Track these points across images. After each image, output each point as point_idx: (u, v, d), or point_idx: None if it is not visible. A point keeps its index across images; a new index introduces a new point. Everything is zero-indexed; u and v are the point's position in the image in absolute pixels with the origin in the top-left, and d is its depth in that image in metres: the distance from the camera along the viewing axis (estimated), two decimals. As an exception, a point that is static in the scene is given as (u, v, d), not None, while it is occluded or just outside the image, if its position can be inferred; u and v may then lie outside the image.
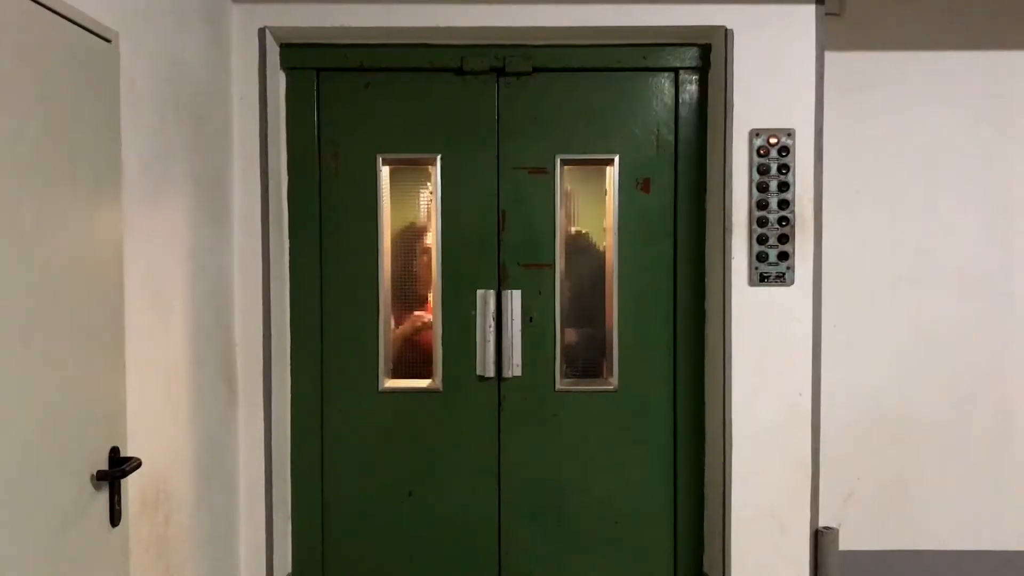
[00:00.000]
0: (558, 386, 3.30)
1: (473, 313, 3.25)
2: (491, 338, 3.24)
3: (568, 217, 3.39)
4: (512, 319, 3.26)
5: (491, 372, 3.26)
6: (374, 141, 3.24)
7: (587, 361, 3.52)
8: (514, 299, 3.26)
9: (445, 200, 3.25)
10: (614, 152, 3.27)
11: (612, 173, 3.29)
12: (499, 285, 3.27)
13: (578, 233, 3.42)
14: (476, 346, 3.26)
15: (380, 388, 3.28)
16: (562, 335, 3.31)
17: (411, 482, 3.30)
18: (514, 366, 3.27)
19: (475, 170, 3.25)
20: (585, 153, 3.28)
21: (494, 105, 3.25)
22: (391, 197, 3.29)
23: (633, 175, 3.27)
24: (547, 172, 3.27)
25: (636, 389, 3.30)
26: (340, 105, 3.23)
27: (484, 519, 3.30)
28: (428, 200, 3.30)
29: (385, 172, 3.26)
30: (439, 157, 3.24)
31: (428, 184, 3.29)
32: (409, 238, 3.30)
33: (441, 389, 3.28)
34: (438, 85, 3.23)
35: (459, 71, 3.24)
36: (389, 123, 3.24)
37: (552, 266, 3.30)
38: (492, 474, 3.29)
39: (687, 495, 3.28)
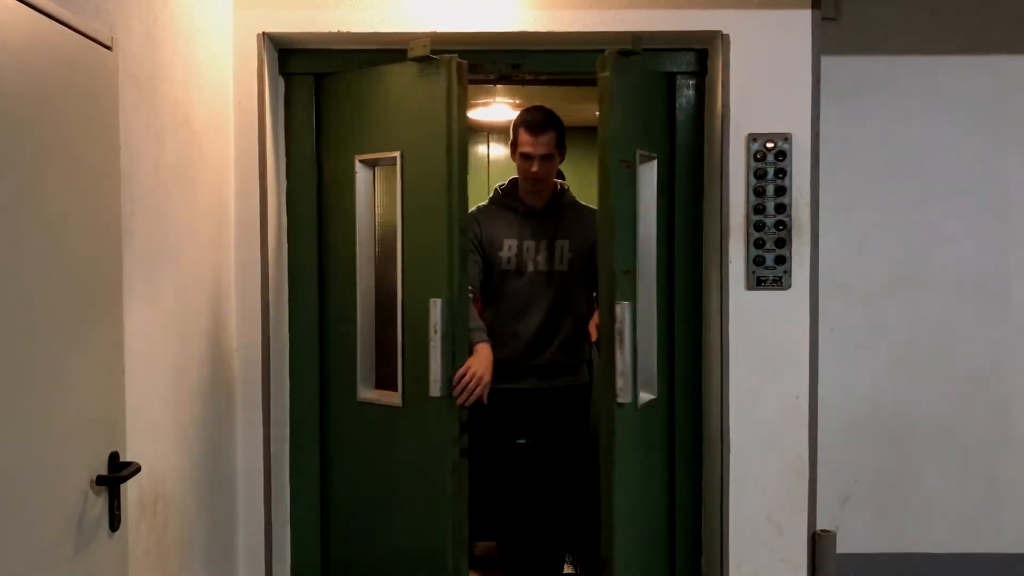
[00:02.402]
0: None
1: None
2: (437, 354, 2.87)
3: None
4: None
5: (438, 391, 2.89)
6: (353, 141, 3.15)
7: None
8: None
9: (406, 200, 3.02)
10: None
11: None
12: None
13: None
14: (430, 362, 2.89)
15: (359, 398, 3.16)
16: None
17: (382, 505, 3.15)
18: None
19: (435, 168, 2.93)
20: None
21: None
22: (379, 199, 3.17)
23: (630, 179, 3.27)
24: (545, 176, 3.28)
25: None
26: (334, 109, 3.22)
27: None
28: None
29: (364, 173, 3.13)
30: (399, 155, 3.01)
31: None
32: (390, 240, 3.11)
33: (400, 405, 3.04)
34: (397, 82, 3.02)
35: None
36: (362, 121, 3.14)
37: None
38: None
39: (684, 498, 3.29)
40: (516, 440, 3.41)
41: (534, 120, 3.29)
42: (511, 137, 3.39)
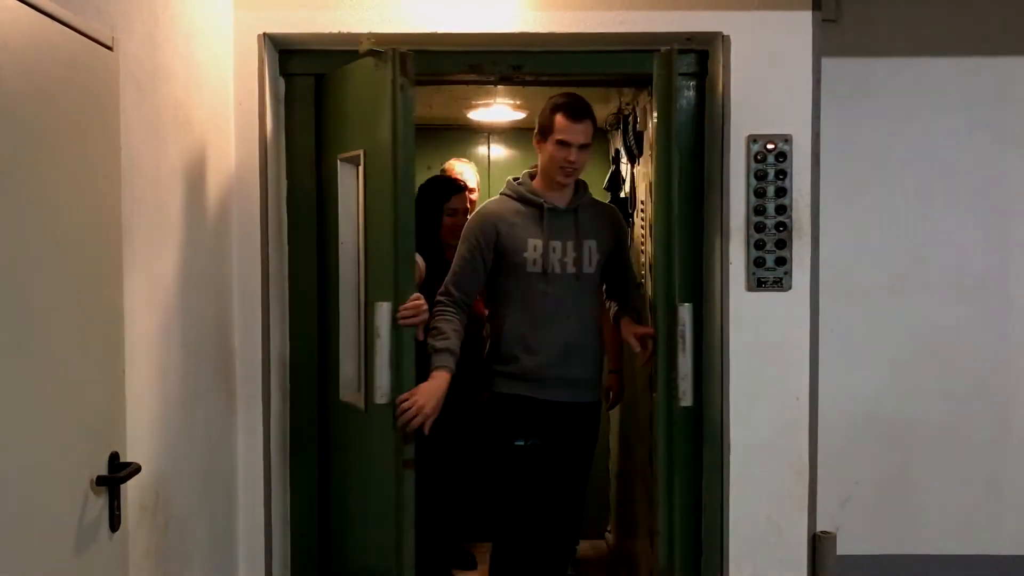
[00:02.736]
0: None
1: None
2: (384, 360, 2.75)
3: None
4: None
5: (382, 398, 2.77)
6: (337, 140, 3.12)
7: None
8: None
9: (367, 199, 2.94)
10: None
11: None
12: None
13: None
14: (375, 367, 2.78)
15: (340, 398, 3.12)
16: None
17: (353, 510, 3.10)
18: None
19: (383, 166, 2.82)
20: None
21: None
22: (365, 198, 3.04)
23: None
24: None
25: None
26: (325, 109, 3.21)
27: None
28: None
29: (344, 172, 3.05)
30: (362, 153, 2.93)
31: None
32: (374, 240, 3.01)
33: (363, 408, 2.95)
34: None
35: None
36: (342, 119, 3.10)
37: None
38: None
39: (684, 499, 3.28)
40: (514, 442, 3.31)
41: (575, 105, 3.04)
42: (543, 123, 3.09)
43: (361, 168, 2.93)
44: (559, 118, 3.02)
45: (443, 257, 3.54)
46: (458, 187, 3.86)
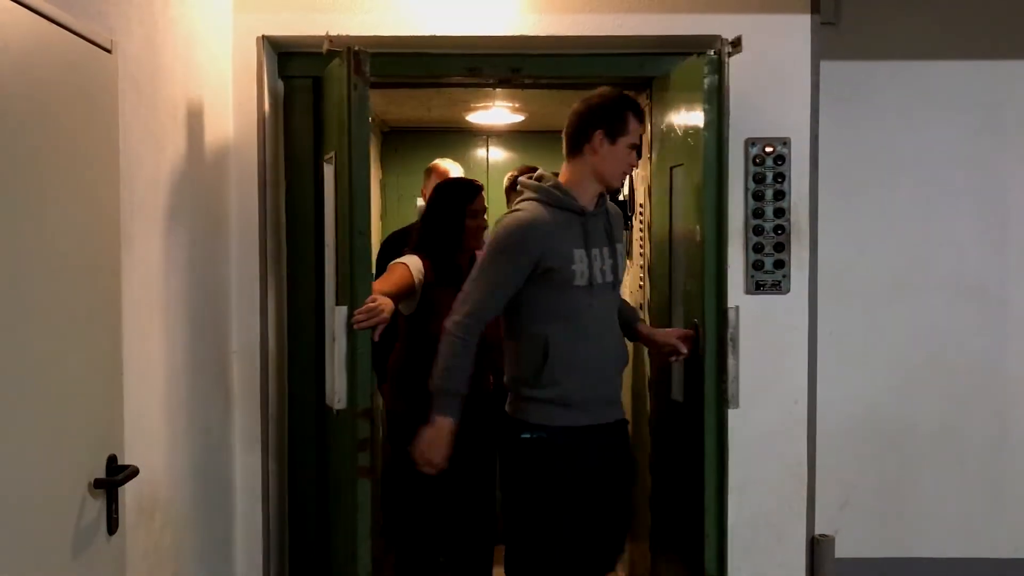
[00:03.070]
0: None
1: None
2: (340, 364, 2.69)
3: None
4: None
5: (339, 403, 2.70)
6: (324, 142, 3.10)
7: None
8: None
9: (337, 202, 2.86)
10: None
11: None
12: None
13: None
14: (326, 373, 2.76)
15: (326, 400, 2.99)
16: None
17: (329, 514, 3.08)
18: None
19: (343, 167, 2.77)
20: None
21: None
22: (336, 200, 2.92)
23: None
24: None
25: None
26: (322, 111, 3.21)
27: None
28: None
29: (330, 174, 2.97)
30: (333, 154, 2.87)
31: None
32: None
33: (333, 410, 2.86)
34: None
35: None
36: (327, 122, 3.05)
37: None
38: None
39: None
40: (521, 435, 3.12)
41: (640, 106, 2.78)
42: (612, 121, 2.69)
43: (333, 169, 2.87)
44: (631, 119, 2.70)
45: (455, 262, 3.35)
46: (478, 187, 3.62)
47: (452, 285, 2.90)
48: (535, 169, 2.86)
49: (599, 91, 2.76)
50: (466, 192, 3.42)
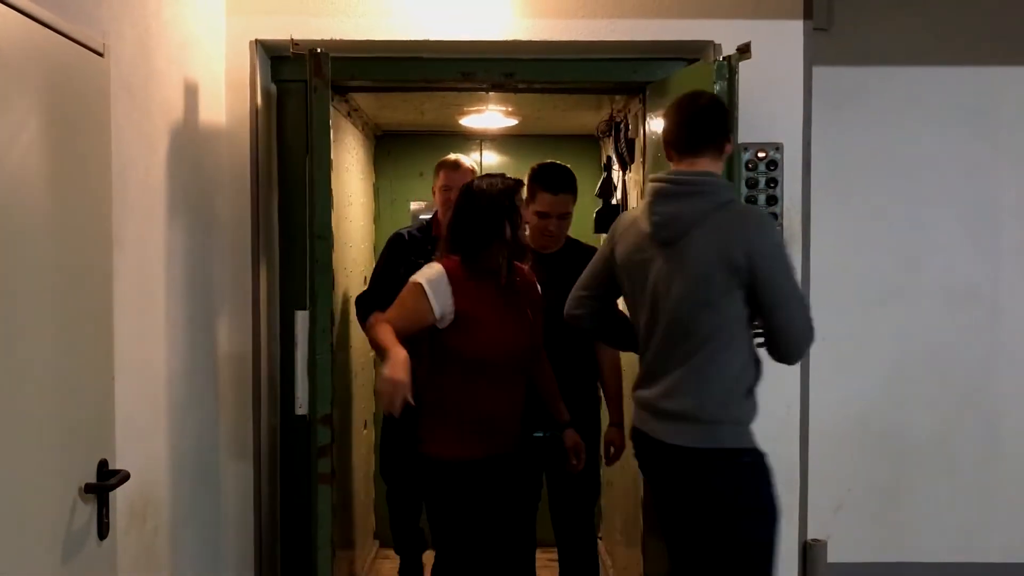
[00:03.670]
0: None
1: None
2: (302, 370, 2.76)
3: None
4: None
5: (301, 408, 2.76)
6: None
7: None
8: None
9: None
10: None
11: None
12: None
13: None
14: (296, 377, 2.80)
15: None
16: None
17: None
18: None
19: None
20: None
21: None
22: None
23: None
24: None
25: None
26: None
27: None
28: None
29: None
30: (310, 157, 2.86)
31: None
32: None
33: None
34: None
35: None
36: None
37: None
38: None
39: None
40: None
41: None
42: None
43: (308, 172, 2.84)
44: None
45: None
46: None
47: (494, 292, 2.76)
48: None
49: None
50: (511, 188, 2.84)
